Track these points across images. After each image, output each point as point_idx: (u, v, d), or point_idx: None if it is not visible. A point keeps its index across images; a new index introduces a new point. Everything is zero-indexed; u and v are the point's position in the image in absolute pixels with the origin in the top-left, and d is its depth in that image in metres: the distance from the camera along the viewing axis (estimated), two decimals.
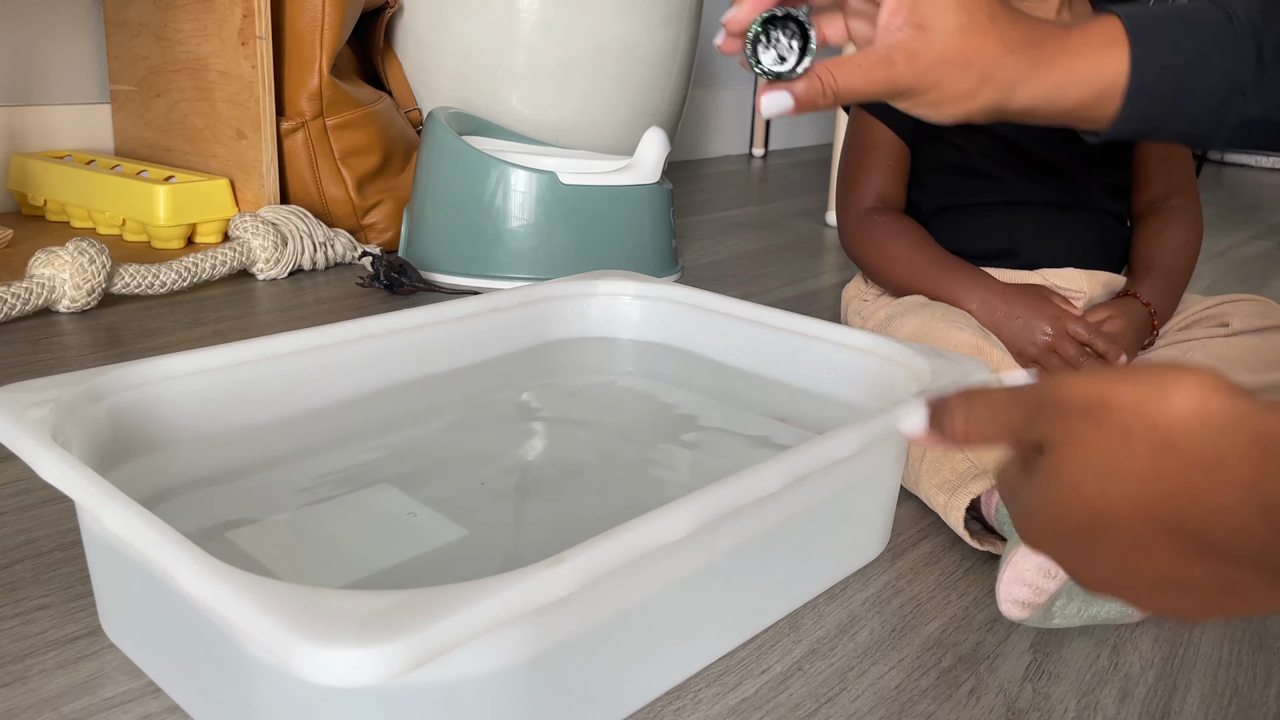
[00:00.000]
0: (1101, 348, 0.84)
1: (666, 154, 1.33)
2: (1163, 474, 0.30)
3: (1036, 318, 0.85)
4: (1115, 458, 0.31)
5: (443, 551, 0.62)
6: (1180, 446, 0.30)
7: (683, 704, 0.54)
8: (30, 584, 0.63)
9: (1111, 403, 0.31)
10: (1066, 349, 0.84)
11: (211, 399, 0.66)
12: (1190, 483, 0.30)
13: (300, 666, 0.35)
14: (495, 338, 0.85)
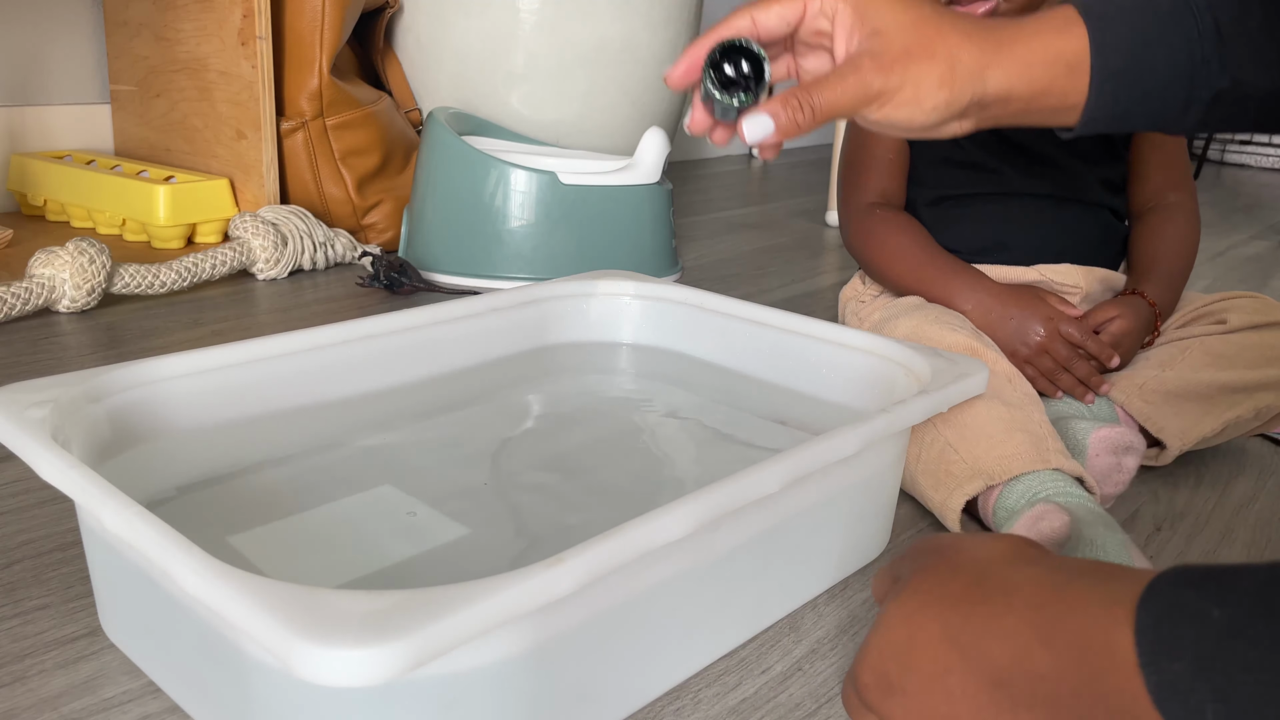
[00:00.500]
0: (1093, 349, 0.84)
1: (666, 154, 1.33)
2: (968, 596, 0.40)
3: (1030, 319, 0.85)
4: (940, 582, 0.42)
5: (443, 551, 0.62)
6: (991, 577, 0.41)
7: (683, 704, 0.54)
8: (30, 584, 0.63)
9: (949, 543, 0.44)
10: (1059, 350, 0.84)
11: (211, 399, 0.66)
12: (985, 606, 0.40)
13: (300, 666, 0.35)
14: (495, 338, 0.85)
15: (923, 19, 0.52)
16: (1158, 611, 0.32)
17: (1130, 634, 0.32)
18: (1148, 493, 0.84)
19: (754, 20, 0.54)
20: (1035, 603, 0.38)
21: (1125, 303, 0.88)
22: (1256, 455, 0.93)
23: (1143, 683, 0.31)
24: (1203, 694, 0.29)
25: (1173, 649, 0.31)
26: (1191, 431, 0.83)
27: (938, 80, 0.51)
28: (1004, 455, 0.71)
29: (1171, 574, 0.33)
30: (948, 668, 0.40)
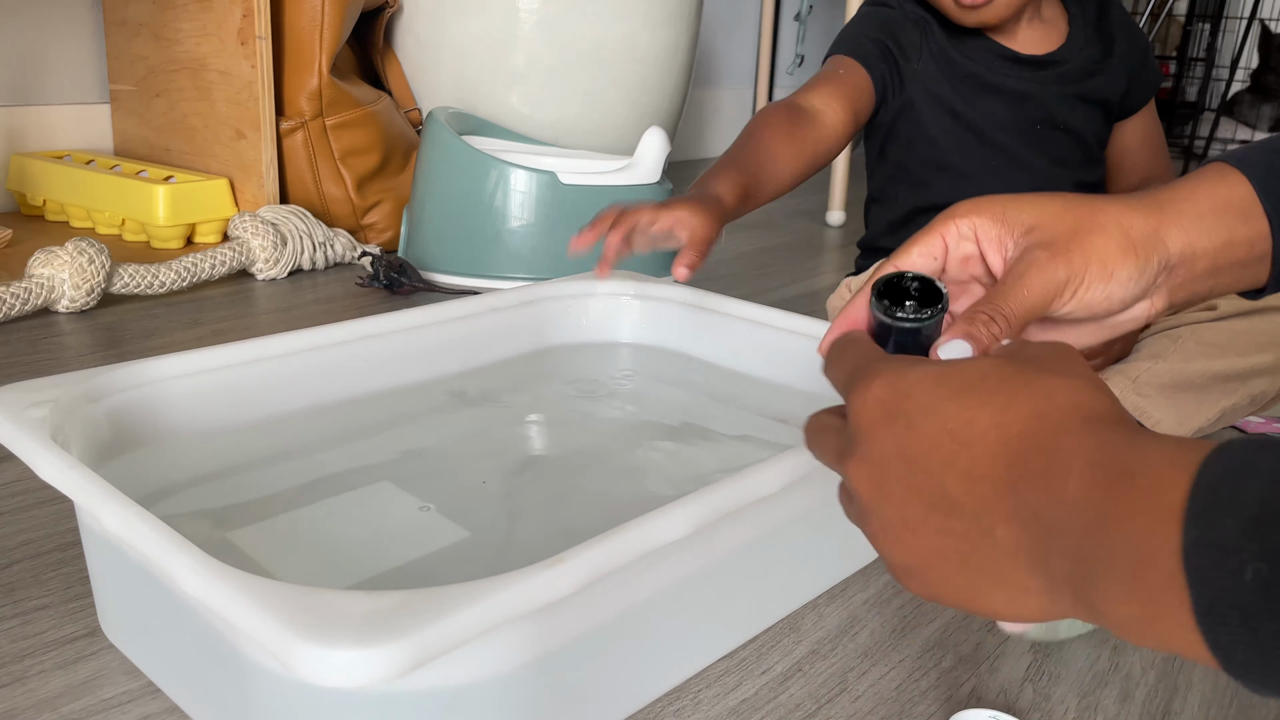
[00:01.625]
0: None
1: (667, 154, 1.33)
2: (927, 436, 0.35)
3: None
4: (896, 432, 0.36)
5: (443, 551, 0.62)
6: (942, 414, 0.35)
7: (683, 704, 0.54)
8: (29, 584, 0.63)
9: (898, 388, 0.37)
10: None
11: (211, 399, 0.66)
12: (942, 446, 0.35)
13: (300, 667, 0.35)
14: (495, 338, 0.85)
15: (1072, 201, 0.48)
16: (1222, 469, 0.28)
17: (1185, 490, 0.28)
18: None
19: (898, 268, 0.50)
20: (1086, 427, 0.33)
21: None
22: None
23: (1180, 540, 0.27)
24: (1249, 553, 0.26)
25: (1231, 504, 0.27)
26: (1187, 423, 0.82)
27: (1118, 248, 0.47)
28: None
29: (1246, 439, 0.29)
30: (953, 452, 0.35)
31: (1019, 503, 0.33)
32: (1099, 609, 0.30)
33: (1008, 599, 0.35)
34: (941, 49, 0.91)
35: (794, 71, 2.77)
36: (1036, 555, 0.33)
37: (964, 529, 0.34)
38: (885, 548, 0.37)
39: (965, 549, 0.35)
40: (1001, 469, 0.33)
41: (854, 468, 0.38)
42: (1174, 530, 0.28)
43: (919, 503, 0.35)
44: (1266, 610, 0.25)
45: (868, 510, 0.37)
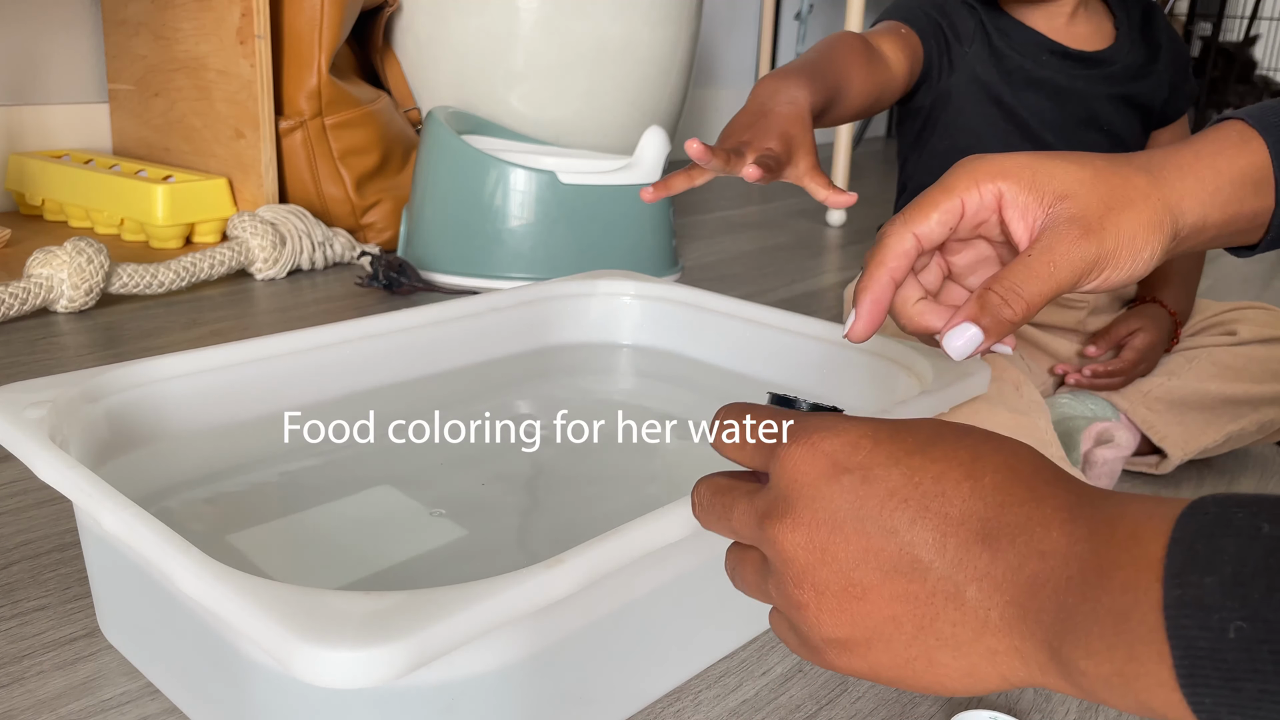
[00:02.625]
0: (1116, 368, 0.85)
1: (666, 153, 1.33)
2: (866, 499, 0.33)
3: None
4: (825, 505, 0.33)
5: (443, 551, 0.61)
6: (877, 477, 0.33)
7: (683, 705, 0.54)
8: (28, 585, 0.63)
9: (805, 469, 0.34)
10: None
11: (210, 399, 0.66)
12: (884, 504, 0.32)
13: (299, 668, 0.35)
14: (494, 338, 0.85)
15: (1103, 169, 0.47)
16: (1197, 525, 0.27)
17: (1163, 544, 0.27)
18: (1150, 492, 0.83)
19: (917, 236, 0.48)
20: (1059, 481, 0.32)
21: (1145, 313, 0.87)
22: (1259, 458, 0.93)
23: (1159, 596, 0.27)
24: (1229, 611, 0.25)
25: (1209, 562, 0.26)
26: (1194, 442, 0.82)
27: (1146, 226, 0.46)
28: None
29: (1219, 495, 0.28)
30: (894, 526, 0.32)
31: (995, 558, 0.31)
32: (1077, 666, 0.29)
33: (966, 669, 0.32)
34: (990, 38, 0.90)
35: None
36: (1012, 613, 0.30)
37: (928, 592, 0.31)
38: (818, 620, 0.33)
39: (926, 615, 0.32)
40: (975, 522, 0.31)
41: (787, 530, 0.33)
42: (1154, 585, 0.27)
43: (873, 566, 0.32)
44: (1250, 670, 0.25)
45: (801, 577, 0.33)
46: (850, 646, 0.33)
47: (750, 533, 0.36)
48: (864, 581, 0.32)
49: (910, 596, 0.32)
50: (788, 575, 0.34)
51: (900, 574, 0.32)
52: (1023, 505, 0.31)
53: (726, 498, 0.37)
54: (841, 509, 0.33)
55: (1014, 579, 0.30)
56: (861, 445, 0.33)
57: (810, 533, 0.33)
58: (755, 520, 0.35)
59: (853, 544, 0.32)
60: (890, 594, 0.32)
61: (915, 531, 0.32)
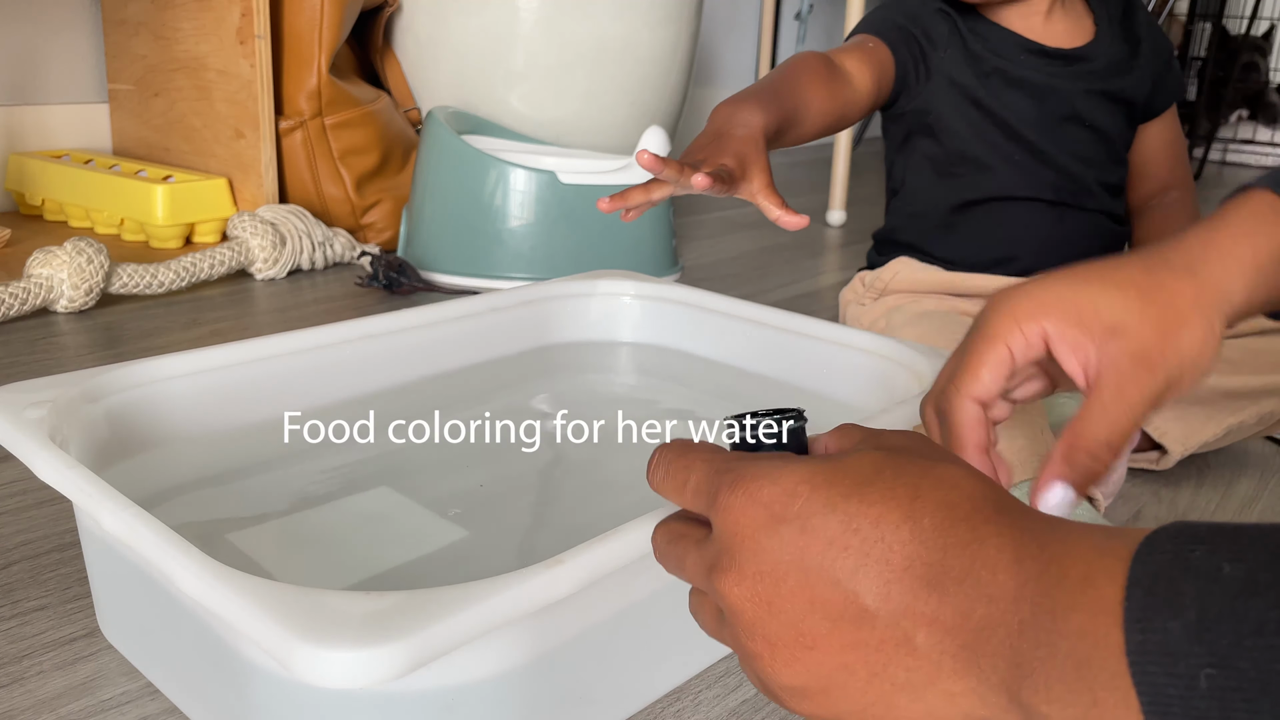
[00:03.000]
0: None
1: (667, 153, 1.33)
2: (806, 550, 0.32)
3: None
4: (766, 555, 0.32)
5: (442, 552, 0.61)
6: (814, 527, 0.32)
7: (683, 705, 0.54)
8: (28, 585, 0.63)
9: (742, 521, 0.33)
10: None
11: (210, 399, 0.66)
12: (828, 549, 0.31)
13: (299, 668, 0.35)
14: (494, 338, 0.85)
15: (1149, 291, 0.45)
16: (1156, 565, 0.27)
17: (1120, 585, 0.27)
18: (1149, 493, 0.84)
19: (979, 401, 0.47)
20: (1003, 517, 0.31)
21: None
22: (1259, 456, 0.93)
23: (1122, 641, 0.26)
24: (1198, 658, 0.25)
25: (1170, 606, 0.26)
26: (1194, 436, 0.82)
27: (1203, 339, 0.45)
28: None
29: (1173, 528, 0.28)
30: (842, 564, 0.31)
31: (942, 602, 0.30)
32: (1038, 711, 0.28)
33: (925, 711, 0.31)
34: (966, 41, 0.90)
35: None
36: (965, 658, 0.30)
37: (877, 639, 0.31)
38: (773, 670, 0.33)
39: (878, 661, 0.31)
40: (920, 568, 0.30)
41: (732, 584, 0.33)
42: (1115, 630, 0.26)
43: (820, 616, 0.31)
44: (1221, 716, 0.25)
45: (751, 629, 0.33)
46: (808, 694, 0.33)
47: (702, 584, 0.35)
48: (813, 632, 0.32)
49: (860, 644, 0.31)
50: (739, 627, 0.33)
51: (848, 622, 0.31)
52: (966, 548, 0.30)
53: (678, 547, 0.37)
54: (783, 561, 0.32)
55: (963, 624, 0.30)
56: (799, 492, 0.32)
57: (755, 586, 0.32)
58: (704, 572, 0.35)
59: (798, 596, 0.32)
60: (840, 643, 0.31)
61: (858, 580, 0.31)
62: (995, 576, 0.29)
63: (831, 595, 0.31)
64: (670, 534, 0.38)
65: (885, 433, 0.36)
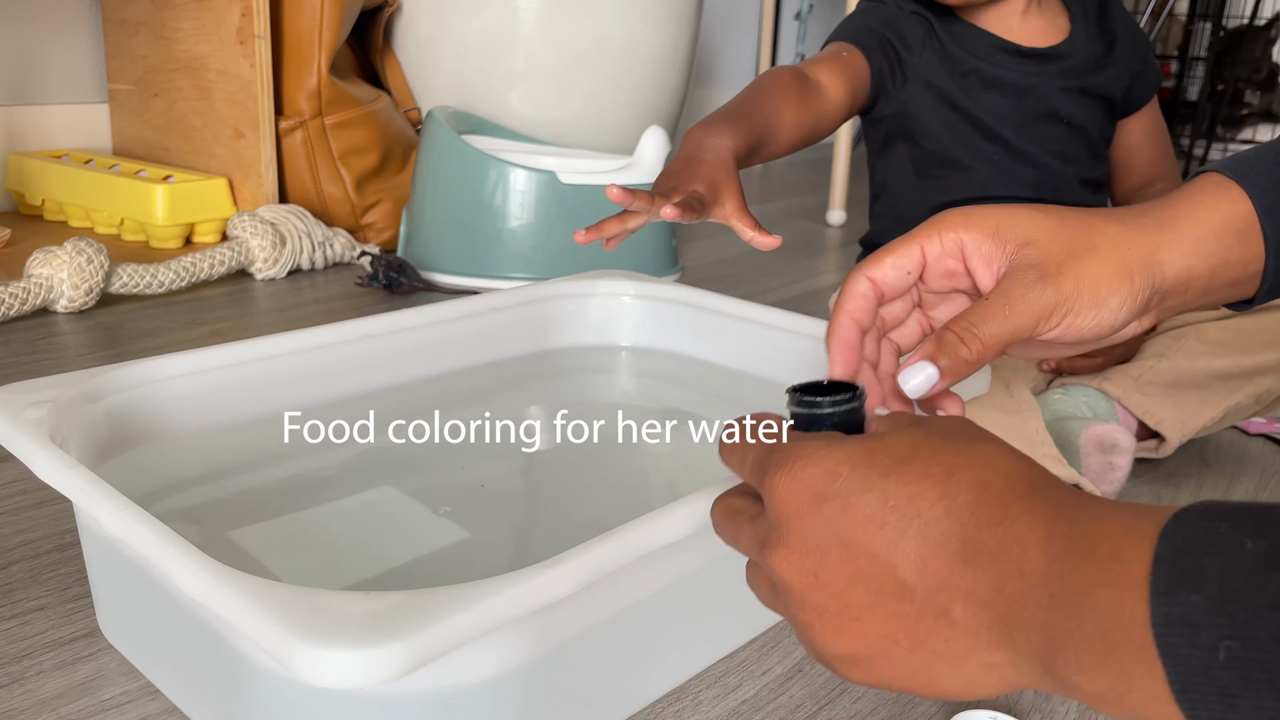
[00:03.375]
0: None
1: (667, 153, 1.33)
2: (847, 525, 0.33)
3: None
4: (811, 531, 0.34)
5: (442, 552, 0.61)
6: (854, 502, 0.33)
7: (683, 705, 0.54)
8: (28, 585, 0.63)
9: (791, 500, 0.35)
10: None
11: (210, 399, 0.66)
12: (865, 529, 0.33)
13: (299, 668, 0.35)
14: (494, 338, 0.85)
15: (1070, 218, 0.46)
16: (1181, 541, 0.28)
17: (1147, 562, 0.28)
18: (1150, 493, 0.84)
19: (871, 280, 0.48)
20: (1036, 494, 0.32)
21: None
22: (1259, 455, 0.93)
23: (1147, 614, 0.27)
24: (1219, 630, 0.26)
25: (1195, 580, 0.26)
26: (1191, 422, 0.82)
27: (1112, 274, 0.45)
28: None
29: (1202, 506, 0.28)
30: (882, 536, 0.33)
31: (977, 577, 0.31)
32: (1070, 681, 0.30)
33: (966, 679, 0.33)
34: (942, 43, 0.91)
35: None
36: (999, 630, 0.31)
37: (917, 611, 0.32)
38: (823, 639, 0.35)
39: (919, 632, 0.33)
40: (955, 544, 0.32)
41: (781, 558, 0.35)
42: (1141, 603, 0.27)
43: (863, 588, 0.33)
44: (1244, 689, 0.25)
45: (801, 601, 0.35)
46: (856, 661, 0.34)
47: (756, 557, 0.37)
48: (858, 603, 0.33)
49: (902, 615, 0.33)
50: (791, 598, 0.35)
51: (889, 595, 0.33)
52: (998, 525, 0.31)
53: (733, 522, 0.39)
54: (826, 537, 0.34)
55: (997, 598, 0.31)
56: (839, 472, 0.34)
57: (802, 560, 0.34)
58: (757, 547, 0.36)
59: (841, 569, 0.33)
60: (883, 613, 0.33)
61: (896, 555, 0.32)
62: (1026, 552, 0.31)
63: (872, 568, 0.33)
64: (727, 510, 0.39)
65: (933, 418, 0.38)
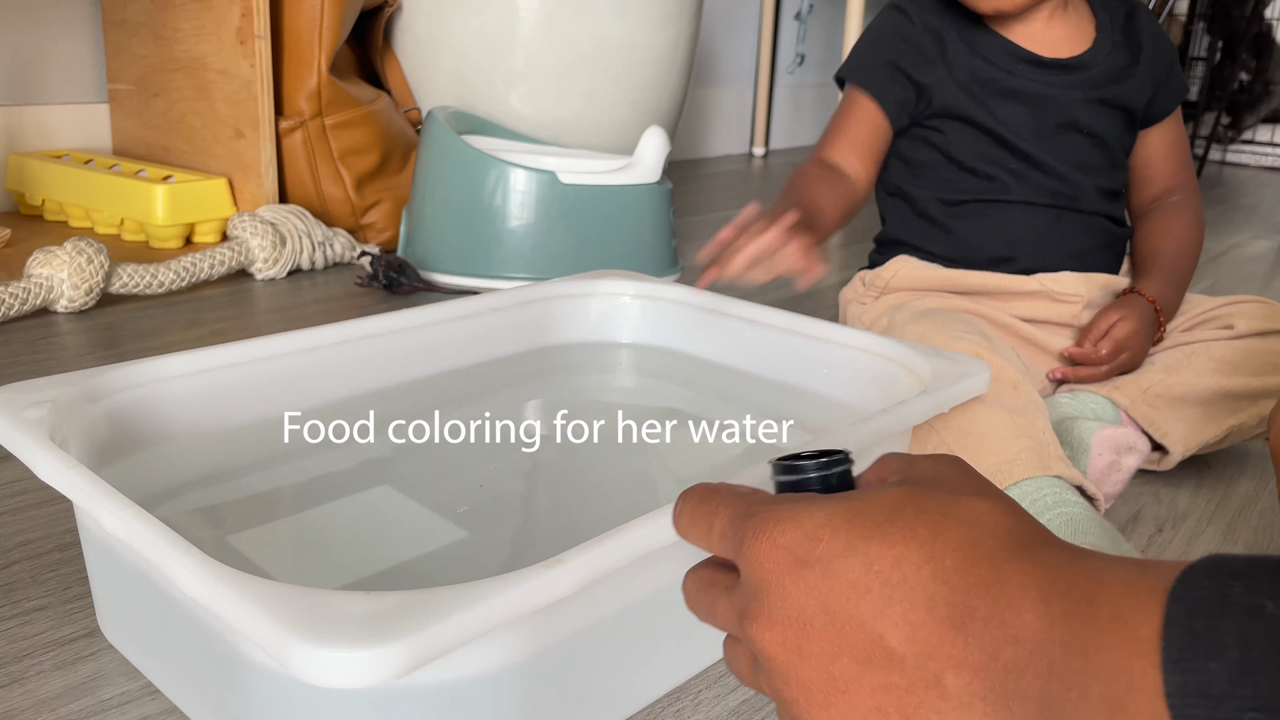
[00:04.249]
0: (1096, 359, 0.86)
1: (666, 153, 1.33)
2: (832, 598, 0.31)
3: None
4: (793, 599, 0.32)
5: (441, 553, 0.61)
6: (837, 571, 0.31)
7: (683, 705, 0.54)
8: (28, 585, 0.63)
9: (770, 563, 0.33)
10: None
11: (210, 399, 0.66)
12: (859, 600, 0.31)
13: (299, 668, 0.35)
14: (494, 338, 0.85)
15: None
16: (1194, 603, 0.26)
17: (1156, 625, 0.26)
18: (1149, 493, 0.84)
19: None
20: (1027, 554, 0.30)
21: (1126, 303, 0.87)
22: (1258, 456, 0.93)
23: (1160, 682, 0.25)
24: (1242, 700, 0.24)
25: (1211, 646, 0.25)
26: (1194, 437, 0.83)
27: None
28: (1005, 460, 0.71)
29: (1211, 562, 0.27)
30: (870, 598, 0.31)
31: (970, 645, 0.29)
32: None
33: None
34: (960, 56, 0.90)
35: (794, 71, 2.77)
36: (994, 700, 0.29)
37: (907, 682, 0.30)
38: (809, 714, 0.32)
39: (910, 703, 0.31)
40: (943, 609, 0.30)
41: (762, 630, 0.33)
42: (1152, 670, 0.26)
43: (849, 659, 0.31)
44: None
45: (785, 675, 0.32)
46: None
47: (735, 630, 0.35)
48: (844, 675, 0.31)
49: (891, 687, 0.31)
50: (774, 673, 0.33)
51: (877, 665, 0.31)
52: (989, 588, 0.30)
53: (708, 594, 0.37)
54: (809, 606, 0.32)
55: (991, 665, 0.29)
56: (820, 536, 0.32)
57: (784, 630, 0.32)
58: (735, 619, 0.35)
59: (826, 639, 0.31)
60: (872, 685, 0.31)
61: (883, 622, 0.31)
62: (1021, 617, 0.29)
63: (858, 637, 0.31)
64: (700, 581, 0.37)
65: (919, 460, 0.36)
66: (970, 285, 0.91)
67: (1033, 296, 0.90)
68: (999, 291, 0.90)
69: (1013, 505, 0.33)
